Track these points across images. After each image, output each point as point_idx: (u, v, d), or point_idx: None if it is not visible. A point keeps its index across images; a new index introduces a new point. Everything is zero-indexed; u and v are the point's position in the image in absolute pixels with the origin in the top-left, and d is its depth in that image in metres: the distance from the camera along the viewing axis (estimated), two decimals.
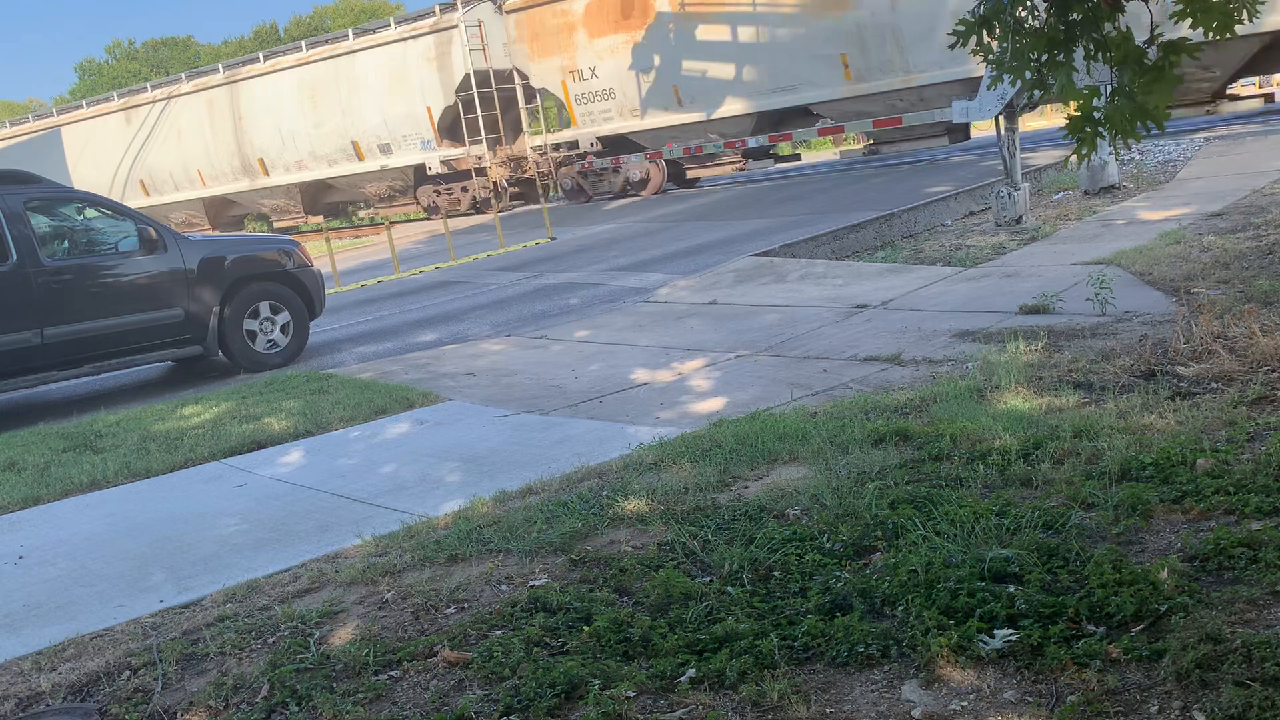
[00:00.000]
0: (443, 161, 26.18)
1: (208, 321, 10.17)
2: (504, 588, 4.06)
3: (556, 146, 25.21)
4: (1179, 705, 2.72)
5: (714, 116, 22.22)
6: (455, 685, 3.36)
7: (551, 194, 28.20)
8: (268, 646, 3.82)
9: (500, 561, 4.31)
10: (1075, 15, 3.57)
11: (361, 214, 32.66)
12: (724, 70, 21.71)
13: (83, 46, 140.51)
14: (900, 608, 3.41)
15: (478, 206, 26.26)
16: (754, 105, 21.61)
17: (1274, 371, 5.36)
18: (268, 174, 30.03)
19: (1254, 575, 3.29)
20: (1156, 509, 3.91)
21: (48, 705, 3.65)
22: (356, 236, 28.00)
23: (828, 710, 2.97)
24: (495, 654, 3.45)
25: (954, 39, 3.79)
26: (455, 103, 25.31)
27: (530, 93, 25.49)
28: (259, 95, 29.24)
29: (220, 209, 32.66)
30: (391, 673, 3.51)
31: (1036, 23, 3.70)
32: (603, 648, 3.43)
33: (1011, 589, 3.38)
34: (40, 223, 9.63)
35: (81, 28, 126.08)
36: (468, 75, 24.81)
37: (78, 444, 7.53)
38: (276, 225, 32.20)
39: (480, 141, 25.39)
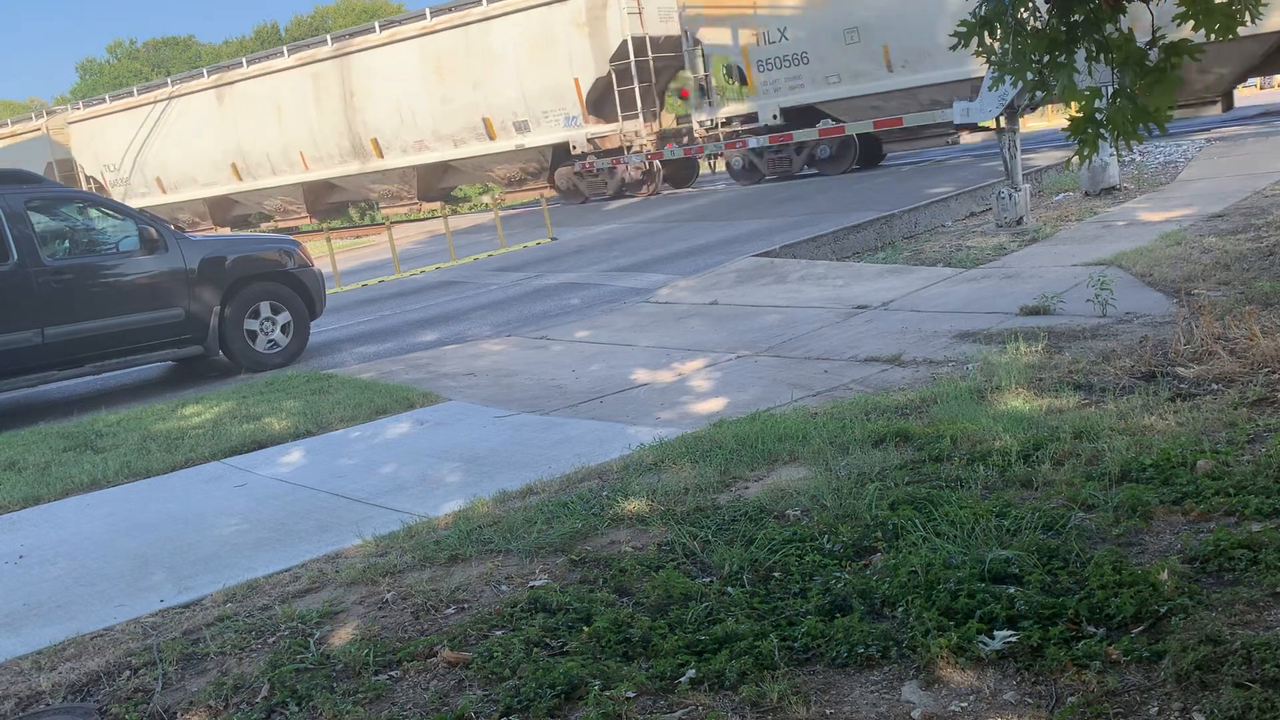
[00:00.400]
0: (589, 139, 23.62)
1: (208, 321, 10.18)
2: (504, 588, 4.06)
3: (728, 120, 22.46)
4: (1179, 707, 2.72)
5: (931, 82, 19.14)
6: (455, 685, 3.36)
7: (705, 173, 25.74)
8: (268, 646, 3.82)
9: (500, 562, 4.31)
10: (1077, 16, 3.57)
11: (483, 199, 29.93)
12: (948, 28, 19.06)
13: (84, 46, 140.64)
14: (900, 609, 3.41)
15: (626, 189, 24.06)
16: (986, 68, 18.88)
17: (1274, 373, 5.36)
18: (382, 155, 27.30)
19: (1254, 577, 3.29)
20: (1157, 510, 3.91)
21: (48, 705, 3.65)
22: (357, 236, 27.82)
23: (828, 711, 2.97)
24: (495, 654, 3.45)
25: (955, 40, 3.79)
26: (609, 73, 22.84)
27: (698, 60, 22.65)
28: (375, 69, 26.50)
29: (321, 194, 30.46)
30: (391, 673, 3.51)
31: (1038, 24, 3.69)
32: (603, 648, 3.43)
33: (1011, 590, 3.38)
34: (41, 222, 9.64)
35: (82, 27, 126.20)
36: (624, 42, 22.46)
37: (78, 443, 7.54)
38: (384, 212, 29.94)
39: (635, 116, 22.88)
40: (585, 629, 3.55)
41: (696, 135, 23.11)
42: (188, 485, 6.35)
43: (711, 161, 24.72)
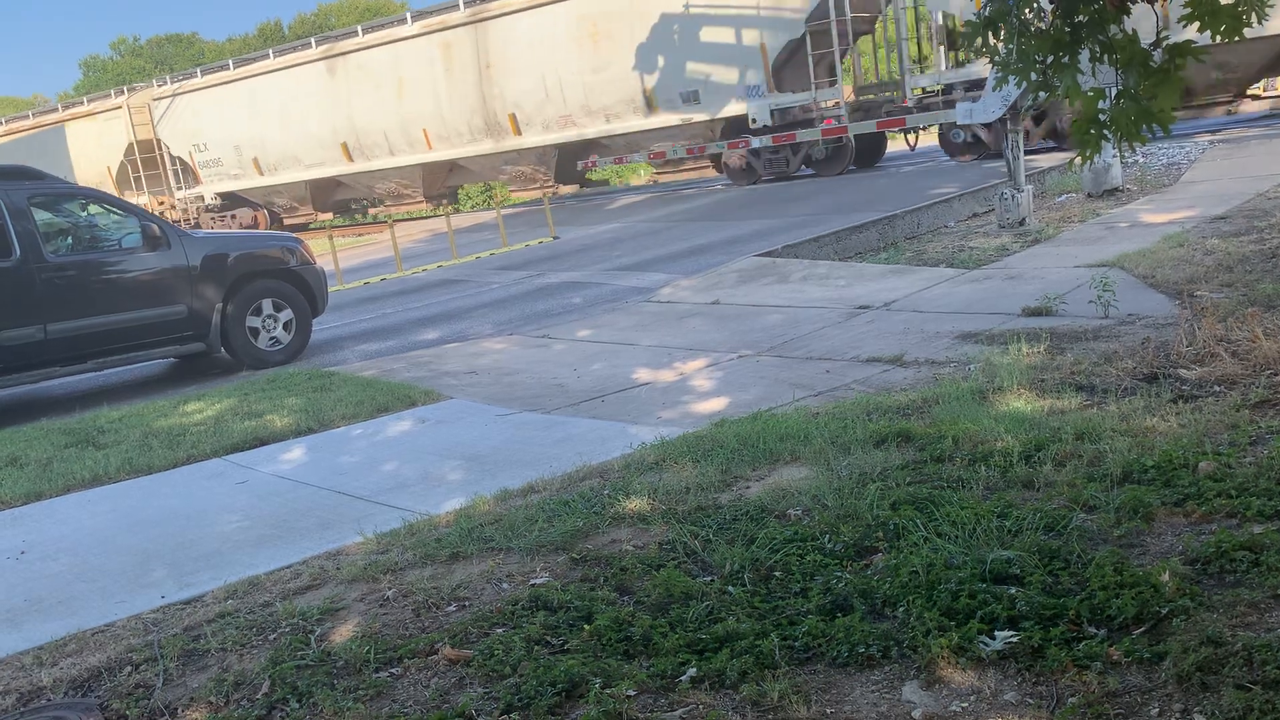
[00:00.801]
0: (774, 111, 20.94)
1: (210, 318, 10.19)
2: (505, 586, 4.06)
3: (949, 88, 19.95)
4: (1180, 708, 2.72)
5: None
6: (456, 683, 3.36)
7: (895, 150, 23.29)
8: (269, 643, 3.83)
9: (501, 560, 4.31)
10: (1081, 17, 3.56)
11: (639, 180, 27.26)
12: None
13: (88, 43, 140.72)
14: (901, 608, 3.40)
15: (814, 167, 21.39)
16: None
17: (1277, 375, 5.35)
18: (520, 133, 24.70)
19: (1255, 578, 3.28)
20: (1158, 512, 3.91)
21: (49, 700, 3.65)
22: (359, 235, 27.75)
23: (828, 710, 2.97)
24: (496, 652, 3.45)
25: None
26: (803, 34, 20.21)
27: (912, 18, 20.72)
28: (516, 36, 23.81)
29: (440, 176, 28.11)
30: (392, 670, 3.51)
31: (1042, 24, 3.69)
32: (603, 646, 3.43)
33: (1013, 590, 3.38)
34: (44, 218, 9.64)
35: (86, 24, 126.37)
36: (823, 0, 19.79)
37: (80, 440, 7.54)
38: (514, 196, 27.91)
39: (833, 83, 20.27)
40: (586, 627, 3.55)
41: (909, 105, 20.57)
42: (189, 482, 6.35)
43: (911, 137, 22.09)
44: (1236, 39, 3.41)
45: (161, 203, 32.28)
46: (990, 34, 3.73)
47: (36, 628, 4.32)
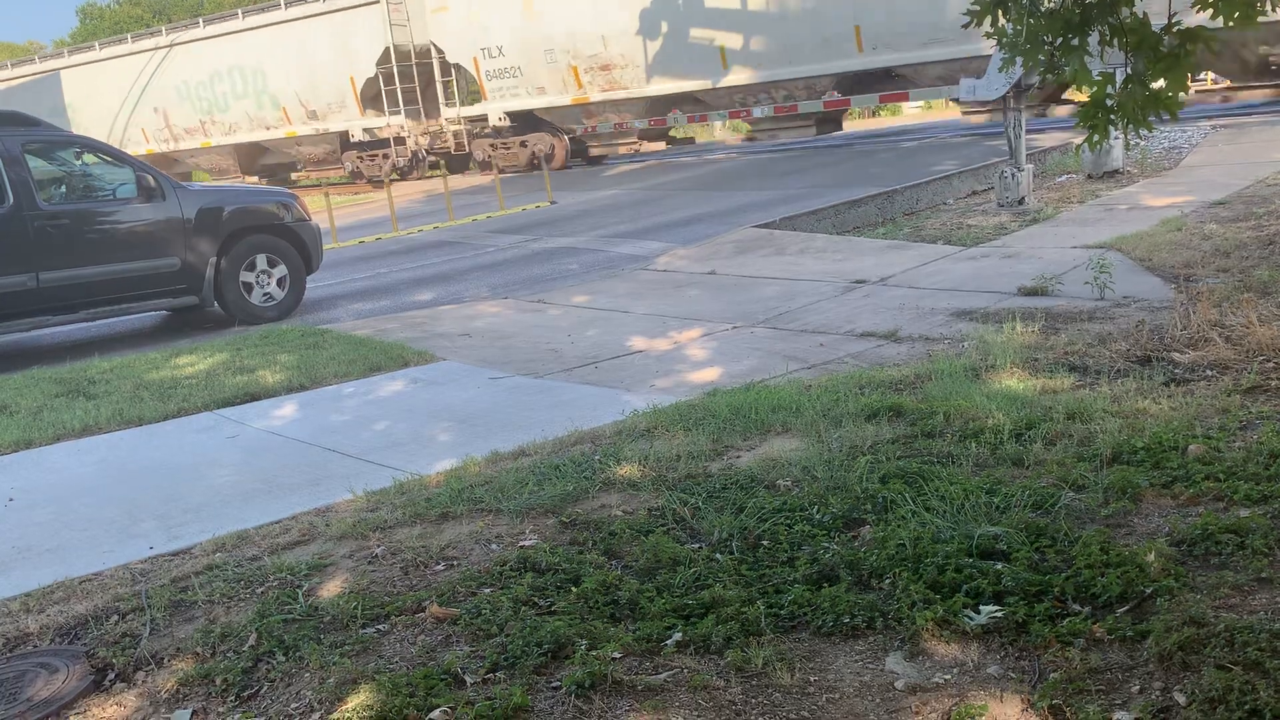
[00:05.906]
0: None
1: (204, 272, 10.14)
2: (494, 547, 4.07)
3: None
4: (1160, 686, 2.74)
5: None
6: (443, 641, 3.38)
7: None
8: (256, 596, 3.83)
9: (491, 521, 4.32)
10: None
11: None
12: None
13: None
14: (887, 580, 3.42)
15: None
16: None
17: (1269, 361, 5.37)
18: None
19: (1240, 561, 3.31)
20: (1146, 493, 3.93)
21: (35, 647, 3.66)
22: (356, 193, 27.80)
23: (812, 678, 2.99)
24: (483, 612, 3.47)
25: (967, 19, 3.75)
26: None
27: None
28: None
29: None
30: (379, 626, 3.52)
31: (1052, 5, 3.65)
32: (590, 609, 3.44)
33: (999, 566, 3.40)
34: (38, 166, 9.56)
35: None
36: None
37: (71, 389, 7.52)
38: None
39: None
40: (573, 589, 3.56)
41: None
42: (180, 434, 6.35)
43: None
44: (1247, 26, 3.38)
45: None
46: (1000, 13, 3.69)
47: (24, 575, 4.33)
